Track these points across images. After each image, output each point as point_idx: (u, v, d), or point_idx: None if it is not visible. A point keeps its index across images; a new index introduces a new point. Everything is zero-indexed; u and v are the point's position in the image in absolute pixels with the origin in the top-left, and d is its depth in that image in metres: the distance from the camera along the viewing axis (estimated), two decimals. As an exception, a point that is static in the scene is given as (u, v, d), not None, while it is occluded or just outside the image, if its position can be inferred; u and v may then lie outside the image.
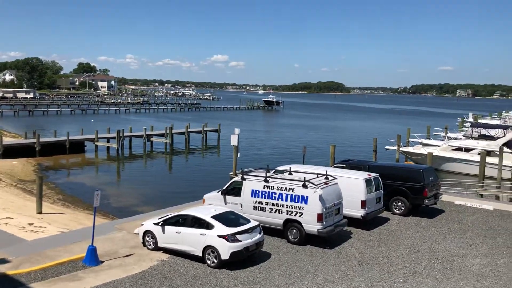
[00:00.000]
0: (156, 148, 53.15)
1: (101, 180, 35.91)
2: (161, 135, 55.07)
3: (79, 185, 33.63)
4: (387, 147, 46.17)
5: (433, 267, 14.01)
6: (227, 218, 14.28)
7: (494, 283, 12.86)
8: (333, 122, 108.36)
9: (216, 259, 13.54)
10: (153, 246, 14.95)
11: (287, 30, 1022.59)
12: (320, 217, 15.24)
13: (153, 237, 14.95)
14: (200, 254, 13.86)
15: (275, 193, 16.15)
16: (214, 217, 14.15)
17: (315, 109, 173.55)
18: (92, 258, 13.56)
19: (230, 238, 13.40)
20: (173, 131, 54.81)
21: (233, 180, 17.98)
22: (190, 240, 14.06)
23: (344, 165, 21.91)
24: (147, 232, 15.16)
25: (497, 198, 27.99)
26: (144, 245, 15.19)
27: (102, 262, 13.73)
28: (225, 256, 13.37)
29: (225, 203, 17.22)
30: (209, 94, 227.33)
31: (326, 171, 17.25)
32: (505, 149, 36.79)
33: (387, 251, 15.39)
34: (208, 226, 13.90)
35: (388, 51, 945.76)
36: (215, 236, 13.54)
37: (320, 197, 15.25)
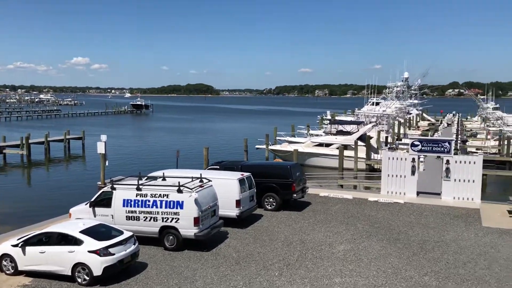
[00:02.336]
0: (10, 161, 47.81)
1: None
2: (16, 146, 49.71)
3: None
4: (257, 146, 47.99)
5: (304, 257, 14.90)
6: (98, 232, 13.42)
7: (357, 266, 14.13)
8: (205, 124, 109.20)
9: (88, 276, 12.65)
10: (12, 271, 13.40)
11: (153, 31, 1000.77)
12: (196, 221, 15.18)
13: (12, 260, 13.40)
14: (69, 273, 12.81)
15: (149, 201, 15.66)
16: (82, 231, 13.19)
17: (186, 112, 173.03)
18: None
19: (102, 252, 12.62)
20: (30, 141, 49.73)
21: (102, 190, 16.97)
22: (57, 259, 12.91)
23: (218, 167, 22.19)
24: (4, 256, 13.54)
25: (355, 187, 30.86)
26: (2, 271, 13.53)
27: None
28: (97, 271, 12.55)
29: (95, 216, 16.19)
30: (70, 99, 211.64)
31: (201, 174, 17.25)
32: (359, 142, 40.82)
33: (262, 247, 15.94)
34: (77, 242, 12.91)
35: (253, 55, 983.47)
36: (85, 252, 12.64)
37: (196, 201, 15.20)
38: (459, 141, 51.58)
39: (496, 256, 15.15)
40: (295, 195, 20.95)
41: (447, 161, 23.49)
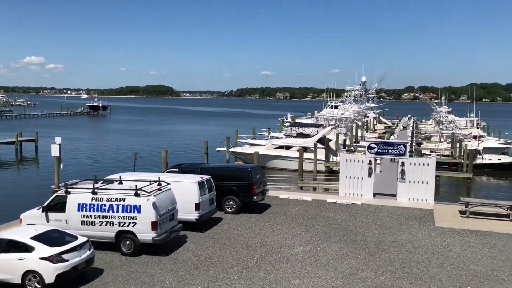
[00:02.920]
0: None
1: None
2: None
3: None
4: (218, 148, 47.86)
5: (264, 260, 14.92)
6: (50, 237, 12.93)
7: (315, 267, 14.29)
8: (165, 126, 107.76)
9: (39, 284, 12.16)
10: (-43, 281, 12.68)
11: (111, 31, 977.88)
12: (154, 225, 14.90)
13: (-43, 269, 12.68)
14: (19, 281, 12.27)
15: (105, 205, 15.25)
16: (34, 237, 12.68)
17: (145, 114, 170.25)
18: None
19: (55, 259, 12.17)
20: (-22, 144, 47.54)
21: (55, 194, 16.37)
22: (6, 267, 12.34)
23: (177, 170, 21.91)
24: None
25: (314, 189, 31.25)
26: None
27: None
28: (50, 279, 12.09)
29: (48, 221, 15.60)
30: (22, 99, 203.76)
31: (159, 177, 16.97)
32: (319, 145, 41.44)
33: (221, 250, 15.85)
34: (28, 248, 12.39)
35: (214, 56, 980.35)
36: (37, 259, 12.14)
37: (154, 205, 14.92)
38: (414, 144, 53.37)
39: (448, 255, 15.70)
40: (255, 197, 20.97)
41: (402, 163, 24.19)
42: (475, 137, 52.52)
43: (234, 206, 20.94)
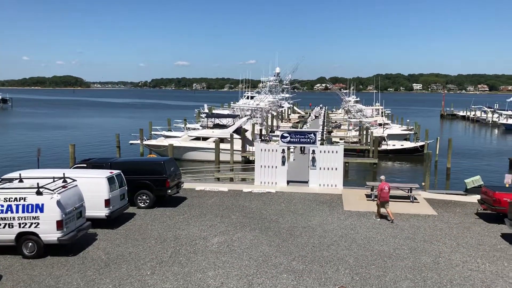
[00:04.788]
0: None
1: None
2: None
3: None
4: (131, 141, 46.29)
5: (178, 253, 14.70)
6: None
7: (230, 257, 14.37)
8: (73, 119, 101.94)
9: None
10: None
11: (12, 18, 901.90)
12: (60, 224, 14.03)
13: None
14: None
15: (3, 206, 14.05)
16: None
17: (51, 106, 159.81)
18: None
19: None
20: None
21: None
22: None
23: (85, 165, 20.84)
24: None
25: (231, 179, 31.43)
26: None
27: None
28: None
29: None
30: None
31: (64, 174, 15.98)
32: (235, 135, 41.67)
33: (134, 246, 15.36)
34: None
35: (126, 45, 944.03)
36: None
37: (59, 203, 14.03)
38: (325, 132, 55.69)
39: (355, 237, 16.60)
40: (169, 191, 20.57)
41: (313, 151, 25.10)
42: (380, 124, 56.05)
43: (148, 201, 20.40)
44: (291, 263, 13.91)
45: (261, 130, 51.47)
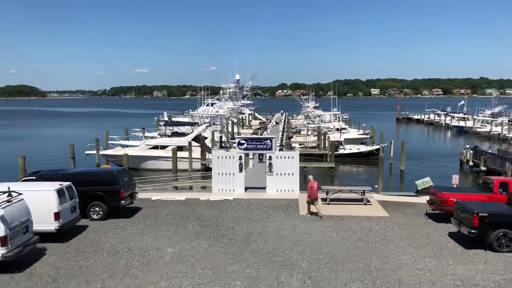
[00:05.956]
0: None
1: None
2: None
3: None
4: (87, 152, 45.15)
5: (130, 265, 14.44)
6: None
7: (184, 267, 14.24)
8: (26, 130, 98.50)
9: None
10: None
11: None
12: (4, 241, 13.50)
13: None
14: None
15: None
16: None
17: (4, 117, 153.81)
18: None
19: None
20: None
21: None
22: None
23: (35, 177, 20.20)
24: None
25: (191, 188, 31.17)
26: None
27: None
28: None
29: None
30: None
31: (9, 187, 15.40)
32: (194, 143, 41.46)
33: (85, 260, 14.97)
34: None
35: (83, 53, 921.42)
36: None
37: (2, 218, 13.51)
38: (285, 138, 56.26)
39: (309, 241, 16.84)
40: (123, 201, 20.20)
41: (270, 157, 25.31)
42: (337, 129, 57.17)
43: (101, 212, 19.95)
44: (244, 270, 13.95)
45: (221, 137, 51.40)
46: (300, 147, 50.70)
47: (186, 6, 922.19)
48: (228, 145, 48.18)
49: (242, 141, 25.71)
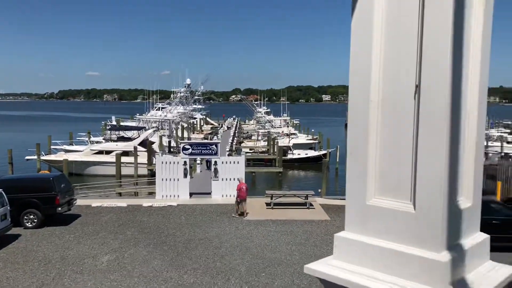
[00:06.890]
0: None
1: None
2: None
3: None
4: (27, 157, 43.14)
5: (63, 274, 13.89)
6: None
7: (119, 275, 13.87)
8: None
9: None
10: None
11: None
12: None
13: None
14: None
15: None
16: None
17: None
18: None
19: None
20: None
21: None
22: None
23: (-37, 185, 19.03)
24: None
25: (136, 194, 30.47)
26: None
27: None
28: None
29: None
30: None
31: None
32: (140, 148, 40.61)
33: (13, 271, 14.25)
34: None
35: (29, 55, 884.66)
36: None
37: None
38: (235, 143, 56.32)
39: (250, 246, 16.87)
40: (59, 208, 19.46)
41: (215, 162, 25.21)
42: (286, 135, 57.88)
43: (35, 220, 19.11)
44: (182, 277, 13.76)
45: (169, 142, 50.69)
46: (250, 152, 50.88)
47: (136, 9, 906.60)
48: (177, 150, 47.53)
49: (187, 146, 25.47)
